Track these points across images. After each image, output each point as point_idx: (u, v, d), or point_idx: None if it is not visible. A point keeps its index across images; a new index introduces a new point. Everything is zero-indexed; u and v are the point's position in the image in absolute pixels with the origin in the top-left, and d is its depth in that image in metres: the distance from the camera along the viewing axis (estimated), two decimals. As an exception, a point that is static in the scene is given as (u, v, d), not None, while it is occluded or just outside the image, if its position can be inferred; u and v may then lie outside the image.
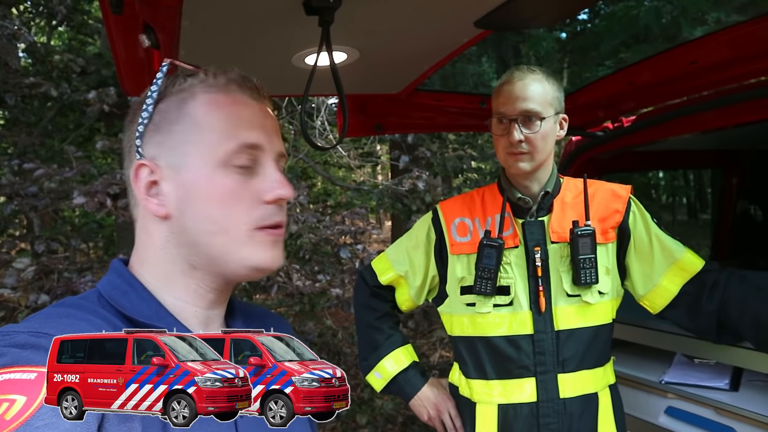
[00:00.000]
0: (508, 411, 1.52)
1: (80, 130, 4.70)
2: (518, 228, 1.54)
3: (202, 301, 0.78)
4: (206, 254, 0.74)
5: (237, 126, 0.75)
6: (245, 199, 0.74)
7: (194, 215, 0.73)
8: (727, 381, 1.76)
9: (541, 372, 1.49)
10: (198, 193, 0.73)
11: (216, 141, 0.74)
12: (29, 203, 3.18)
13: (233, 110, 0.76)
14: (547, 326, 1.49)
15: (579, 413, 1.49)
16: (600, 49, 5.87)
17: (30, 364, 0.58)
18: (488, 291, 1.50)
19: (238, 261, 0.75)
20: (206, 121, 0.74)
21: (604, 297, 1.52)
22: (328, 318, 4.01)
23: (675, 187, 13.09)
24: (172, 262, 0.76)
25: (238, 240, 0.74)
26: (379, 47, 1.43)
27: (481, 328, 1.54)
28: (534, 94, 1.45)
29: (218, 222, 0.73)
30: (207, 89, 0.76)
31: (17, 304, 2.92)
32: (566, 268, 1.50)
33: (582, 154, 2.38)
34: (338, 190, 6.56)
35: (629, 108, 2.18)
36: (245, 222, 0.74)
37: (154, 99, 0.75)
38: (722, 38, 1.63)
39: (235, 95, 0.77)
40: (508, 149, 1.48)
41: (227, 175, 0.73)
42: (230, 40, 1.29)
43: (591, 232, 1.48)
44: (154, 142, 0.75)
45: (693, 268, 1.52)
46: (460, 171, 5.01)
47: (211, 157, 0.73)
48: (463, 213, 1.62)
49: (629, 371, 2.00)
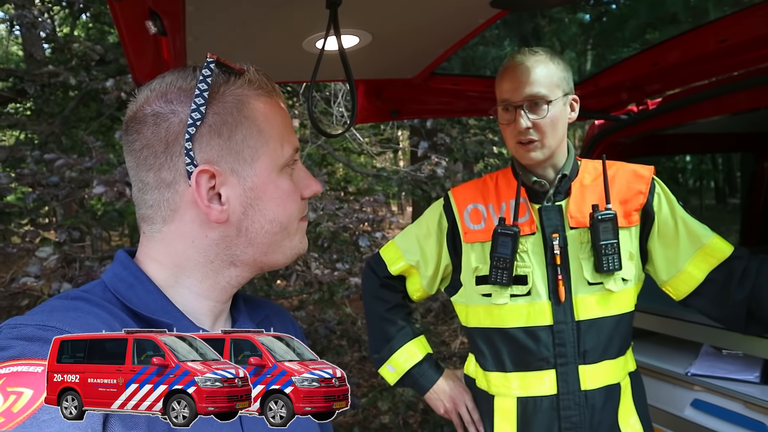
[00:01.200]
0: (527, 404, 1.47)
1: (101, 119, 4.74)
2: (534, 214, 1.48)
3: (223, 295, 0.80)
4: (260, 251, 0.78)
5: (288, 132, 0.79)
6: (297, 198, 0.80)
7: (259, 218, 0.76)
8: (757, 374, 1.69)
9: (561, 364, 1.44)
10: (265, 197, 0.76)
11: (277, 147, 0.77)
12: (51, 193, 3.21)
13: (281, 116, 0.79)
14: (567, 316, 1.43)
15: (601, 405, 1.44)
16: (624, 31, 5.73)
17: (37, 357, 0.58)
18: (504, 281, 1.45)
19: (285, 252, 0.80)
20: (267, 128, 0.76)
21: (628, 284, 1.45)
22: (347, 306, 4.01)
23: (702, 171, 12.84)
24: (209, 261, 0.77)
25: (291, 233, 0.80)
26: (392, 30, 1.38)
27: (498, 320, 1.49)
28: (538, 77, 1.38)
29: (282, 222, 0.78)
30: (256, 93, 0.77)
31: (40, 293, 2.96)
32: (587, 255, 1.44)
33: (605, 138, 2.31)
34: (358, 177, 6.53)
35: (654, 90, 2.10)
36: (297, 218, 0.81)
37: (205, 99, 0.71)
38: (755, 14, 1.55)
39: (274, 98, 0.79)
40: (517, 138, 1.42)
41: (286, 178, 0.78)
42: (238, 24, 1.25)
43: (612, 215, 1.41)
44: (213, 145, 0.73)
45: (721, 255, 1.44)
46: (481, 156, 4.95)
47: (276, 163, 0.76)
48: (476, 199, 1.56)
49: (655, 362, 1.94)
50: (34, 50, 6.94)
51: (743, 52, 1.62)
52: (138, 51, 1.31)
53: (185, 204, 0.73)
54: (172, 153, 0.72)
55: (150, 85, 0.75)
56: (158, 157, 0.73)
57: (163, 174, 0.73)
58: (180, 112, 0.72)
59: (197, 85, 0.71)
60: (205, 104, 0.71)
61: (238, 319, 0.84)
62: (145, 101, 0.74)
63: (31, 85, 4.18)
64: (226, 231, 0.75)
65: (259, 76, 0.77)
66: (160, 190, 0.74)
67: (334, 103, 4.50)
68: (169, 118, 0.72)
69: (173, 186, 0.73)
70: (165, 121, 0.72)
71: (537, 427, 1.46)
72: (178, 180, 0.73)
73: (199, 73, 0.72)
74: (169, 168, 0.73)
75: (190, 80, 0.73)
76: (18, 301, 3.20)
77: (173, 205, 0.74)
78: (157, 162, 0.73)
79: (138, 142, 0.74)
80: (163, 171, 0.73)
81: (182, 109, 0.72)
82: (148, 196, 0.75)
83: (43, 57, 6.42)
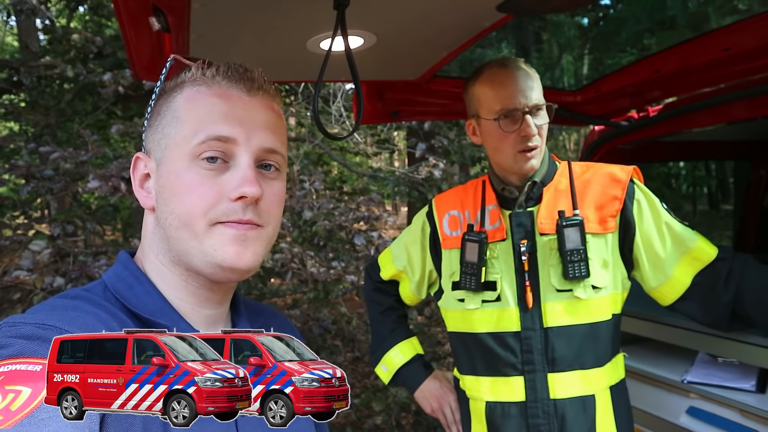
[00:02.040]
0: (495, 409, 1.47)
1: (97, 113, 4.71)
2: (505, 220, 1.48)
3: (196, 299, 0.77)
4: (176, 249, 0.74)
5: (209, 119, 0.72)
6: (209, 195, 0.71)
7: (165, 209, 0.73)
8: (753, 382, 1.69)
9: (529, 371, 1.42)
10: (169, 187, 0.73)
11: (188, 134, 0.72)
12: (45, 186, 3.19)
13: (209, 102, 0.73)
14: (535, 323, 1.42)
15: (572, 416, 1.41)
16: (623, 36, 5.74)
17: (36, 356, 0.58)
18: (473, 287, 1.46)
19: (200, 257, 0.72)
20: (184, 116, 0.73)
21: (600, 292, 1.41)
22: (342, 305, 4.00)
23: (696, 177, 12.90)
24: (157, 255, 0.76)
25: (198, 235, 0.72)
26: (398, 32, 1.38)
27: (469, 324, 1.51)
28: (535, 83, 1.42)
29: (180, 216, 0.72)
30: (193, 83, 0.75)
31: (33, 287, 2.94)
32: (555, 262, 1.42)
33: (605, 144, 2.31)
34: (354, 177, 6.53)
35: (655, 97, 2.10)
36: (205, 217, 0.71)
37: (156, 95, 0.78)
38: (759, 23, 1.55)
39: (219, 88, 0.74)
40: (520, 145, 1.40)
41: (193, 169, 0.71)
42: (242, 23, 1.24)
43: (579, 221, 1.39)
44: (149, 137, 0.77)
45: (707, 258, 1.41)
46: (478, 159, 4.95)
47: (183, 150, 0.72)
48: (455, 206, 1.58)
49: (650, 369, 1.94)
50: (29, 41, 6.89)
51: (746, 61, 1.62)
52: (140, 46, 1.30)
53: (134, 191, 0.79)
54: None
55: None
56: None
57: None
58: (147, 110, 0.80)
59: (157, 83, 0.78)
60: (154, 100, 0.78)
61: (238, 324, 0.83)
62: None
63: (27, 76, 4.15)
64: (155, 220, 0.77)
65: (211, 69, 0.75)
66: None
67: (333, 103, 4.50)
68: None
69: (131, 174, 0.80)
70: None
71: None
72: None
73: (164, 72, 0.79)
74: None
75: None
76: (10, 294, 3.17)
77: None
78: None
79: None
80: None
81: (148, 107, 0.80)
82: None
83: (38, 48, 6.38)
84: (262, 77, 0.77)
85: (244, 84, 0.75)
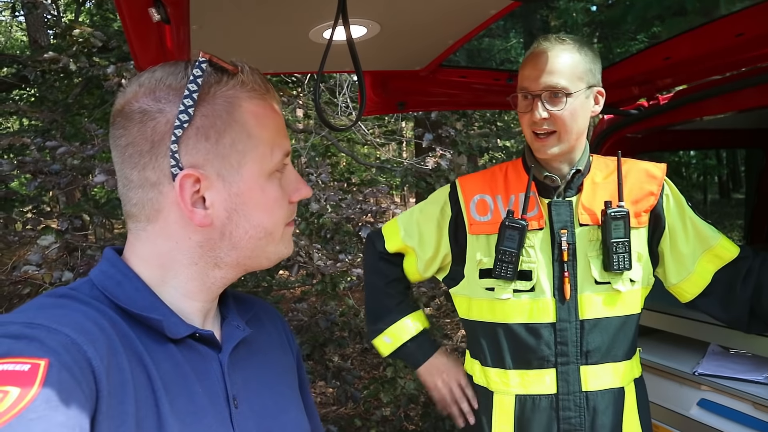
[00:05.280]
0: (526, 402, 1.45)
1: (104, 107, 4.71)
2: (544, 209, 1.45)
3: (209, 295, 0.78)
4: (244, 255, 0.76)
5: (279, 136, 0.77)
6: (284, 204, 0.78)
7: (244, 224, 0.74)
8: (766, 374, 1.67)
9: (562, 363, 1.41)
10: (251, 203, 0.74)
11: (267, 153, 0.75)
12: (53, 181, 3.19)
13: (273, 119, 0.77)
14: (571, 315, 1.41)
15: (603, 408, 1.41)
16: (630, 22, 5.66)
17: (23, 356, 0.55)
18: (509, 276, 1.42)
19: (270, 256, 0.79)
20: (257, 132, 0.73)
21: (635, 285, 1.42)
22: (350, 297, 3.99)
23: (707, 165, 12.77)
24: (192, 263, 0.75)
25: (276, 239, 0.78)
26: (401, 20, 1.35)
27: (500, 315, 1.46)
28: (562, 67, 1.34)
29: (267, 228, 0.76)
30: (249, 95, 0.74)
31: (42, 282, 2.94)
32: (596, 253, 1.41)
33: (614, 133, 2.28)
34: (362, 168, 6.51)
35: (666, 85, 2.06)
36: (283, 223, 0.79)
37: (195, 100, 0.69)
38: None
39: (267, 101, 0.77)
40: (531, 128, 1.39)
41: (273, 182, 0.76)
42: (243, 13, 1.22)
43: (625, 213, 1.38)
44: (200, 149, 0.70)
45: (728, 256, 1.43)
46: (486, 150, 4.91)
47: (263, 168, 0.74)
48: (484, 190, 1.52)
49: (661, 361, 1.92)
50: (38, 36, 6.90)
51: (762, 47, 1.58)
52: (141, 38, 1.28)
53: (169, 205, 0.71)
54: (158, 153, 0.70)
55: (139, 78, 0.72)
56: (143, 156, 0.71)
57: (148, 173, 0.71)
58: (167, 111, 0.69)
59: (187, 84, 0.69)
60: (194, 106, 0.69)
61: (228, 317, 0.83)
62: (133, 96, 0.71)
63: (31, 71, 4.14)
64: (209, 234, 0.73)
65: (254, 76, 0.74)
66: (144, 189, 0.72)
67: (339, 93, 4.47)
68: (156, 117, 0.70)
69: (157, 186, 0.71)
70: (152, 120, 0.70)
71: (535, 427, 1.44)
72: (162, 181, 0.71)
73: (191, 71, 0.70)
74: (153, 168, 0.70)
75: (181, 78, 0.71)
76: (20, 289, 3.18)
77: (157, 205, 0.72)
78: (142, 161, 0.71)
79: (123, 138, 0.71)
80: (148, 170, 0.71)
81: (170, 108, 0.69)
82: (132, 194, 0.73)
83: (47, 43, 6.39)
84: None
85: (270, 93, 0.78)
